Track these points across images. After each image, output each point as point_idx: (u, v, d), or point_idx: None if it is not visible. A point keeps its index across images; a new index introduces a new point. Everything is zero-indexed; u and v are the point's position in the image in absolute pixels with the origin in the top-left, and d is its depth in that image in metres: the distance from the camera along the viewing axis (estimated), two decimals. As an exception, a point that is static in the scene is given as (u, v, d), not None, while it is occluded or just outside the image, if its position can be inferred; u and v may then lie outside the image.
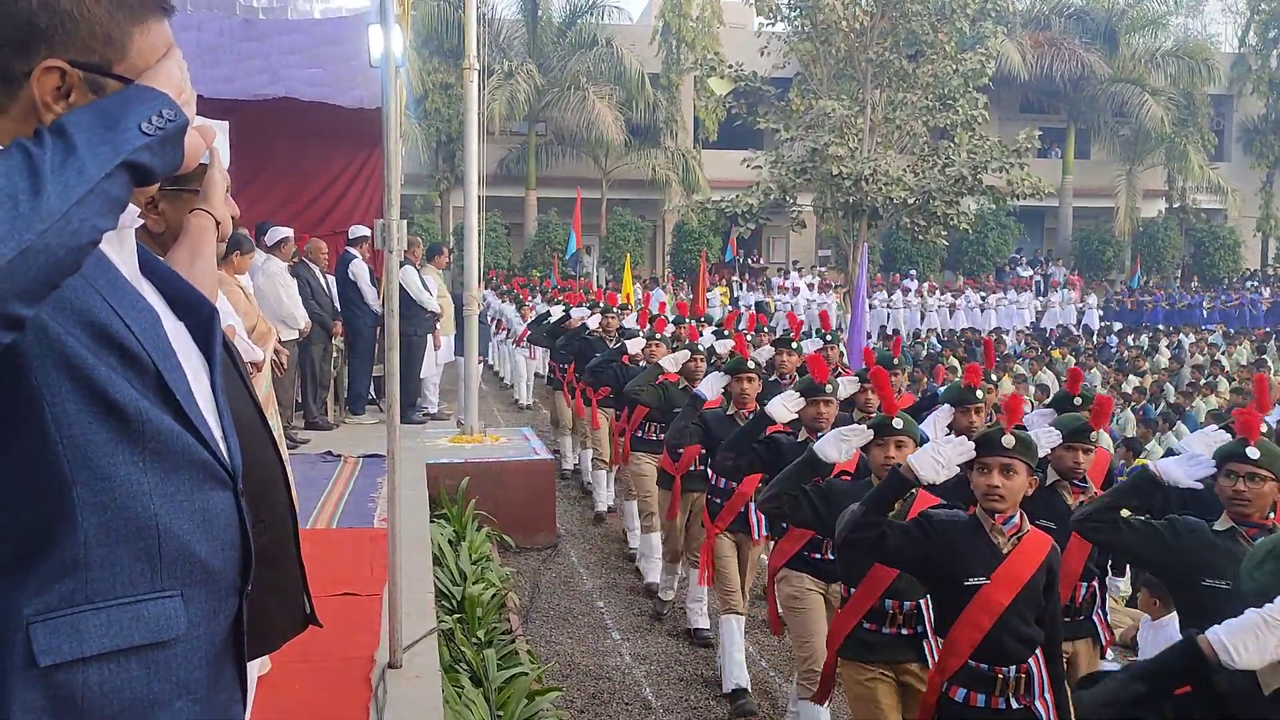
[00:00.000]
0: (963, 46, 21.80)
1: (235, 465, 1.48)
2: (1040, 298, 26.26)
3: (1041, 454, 4.25)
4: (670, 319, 9.91)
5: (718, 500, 5.69)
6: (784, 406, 4.61)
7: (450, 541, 6.57)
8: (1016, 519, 3.36)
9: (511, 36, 27.93)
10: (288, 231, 8.56)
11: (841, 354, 8.33)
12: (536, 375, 16.50)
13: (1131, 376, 15.28)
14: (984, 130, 21.86)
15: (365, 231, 9.34)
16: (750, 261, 29.22)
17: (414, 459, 7.54)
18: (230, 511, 1.46)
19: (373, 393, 10.22)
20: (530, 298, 18.41)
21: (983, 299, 25.54)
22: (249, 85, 9.02)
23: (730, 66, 23.02)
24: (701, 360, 6.83)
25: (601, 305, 10.18)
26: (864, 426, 4.00)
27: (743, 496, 5.53)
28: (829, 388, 4.76)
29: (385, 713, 3.73)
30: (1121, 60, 29.47)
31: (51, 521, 1.30)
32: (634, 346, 7.85)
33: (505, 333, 17.78)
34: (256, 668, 3.44)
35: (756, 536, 5.66)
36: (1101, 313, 26.13)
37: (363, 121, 9.34)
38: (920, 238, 21.88)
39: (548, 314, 12.08)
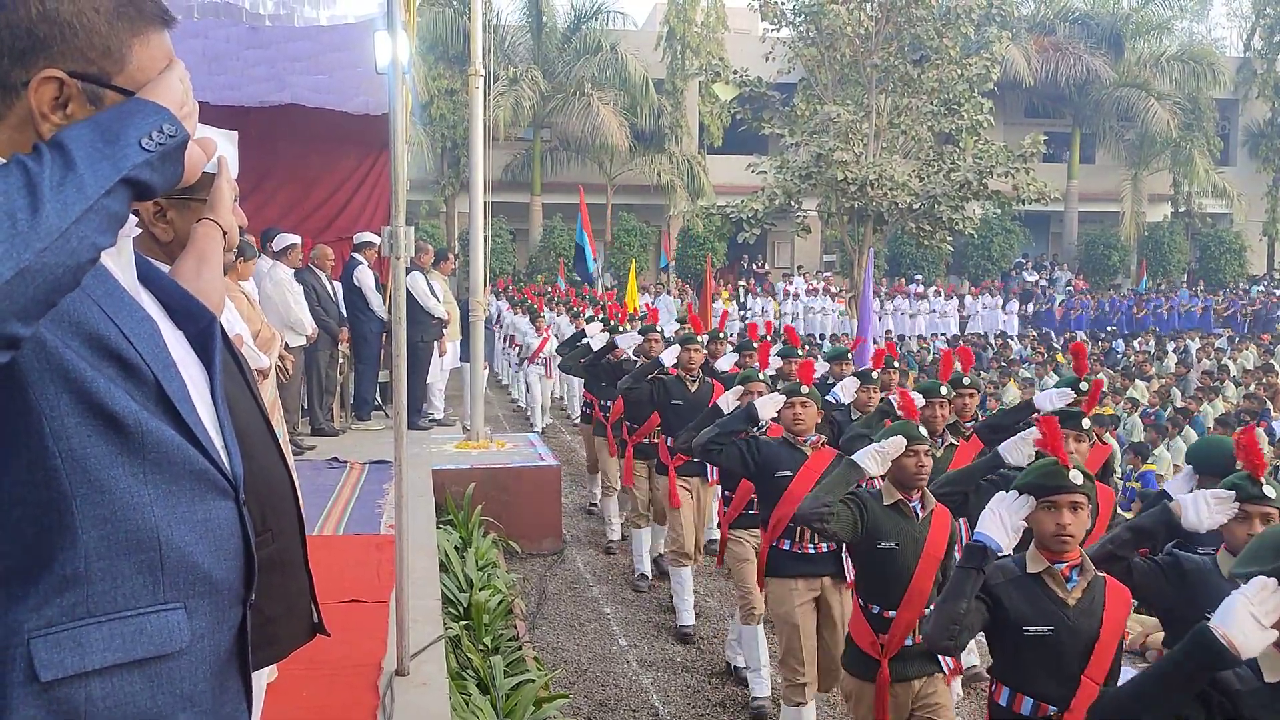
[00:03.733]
0: (968, 51, 21.81)
1: (236, 474, 1.47)
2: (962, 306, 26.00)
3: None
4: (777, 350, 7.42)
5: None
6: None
7: (456, 548, 6.56)
8: None
9: (516, 43, 27.99)
10: (295, 238, 8.57)
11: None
12: (554, 398, 15.20)
13: (1138, 381, 15.25)
14: (989, 135, 21.85)
15: (370, 238, 9.35)
16: (755, 267, 29.23)
17: (420, 465, 7.55)
18: (232, 521, 1.45)
19: (378, 398, 10.23)
20: (545, 308, 16.48)
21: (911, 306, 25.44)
22: (255, 92, 9.06)
23: (735, 72, 23.05)
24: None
25: (683, 332, 7.26)
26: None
27: None
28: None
29: (392, 720, 3.73)
30: (1126, 65, 29.45)
31: (52, 535, 1.29)
32: (767, 410, 4.92)
33: (518, 349, 15.65)
34: (265, 676, 3.44)
35: None
36: (1022, 319, 26.09)
37: (368, 127, 9.38)
38: (925, 243, 21.86)
39: (580, 335, 9.34)
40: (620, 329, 9.05)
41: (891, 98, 21.55)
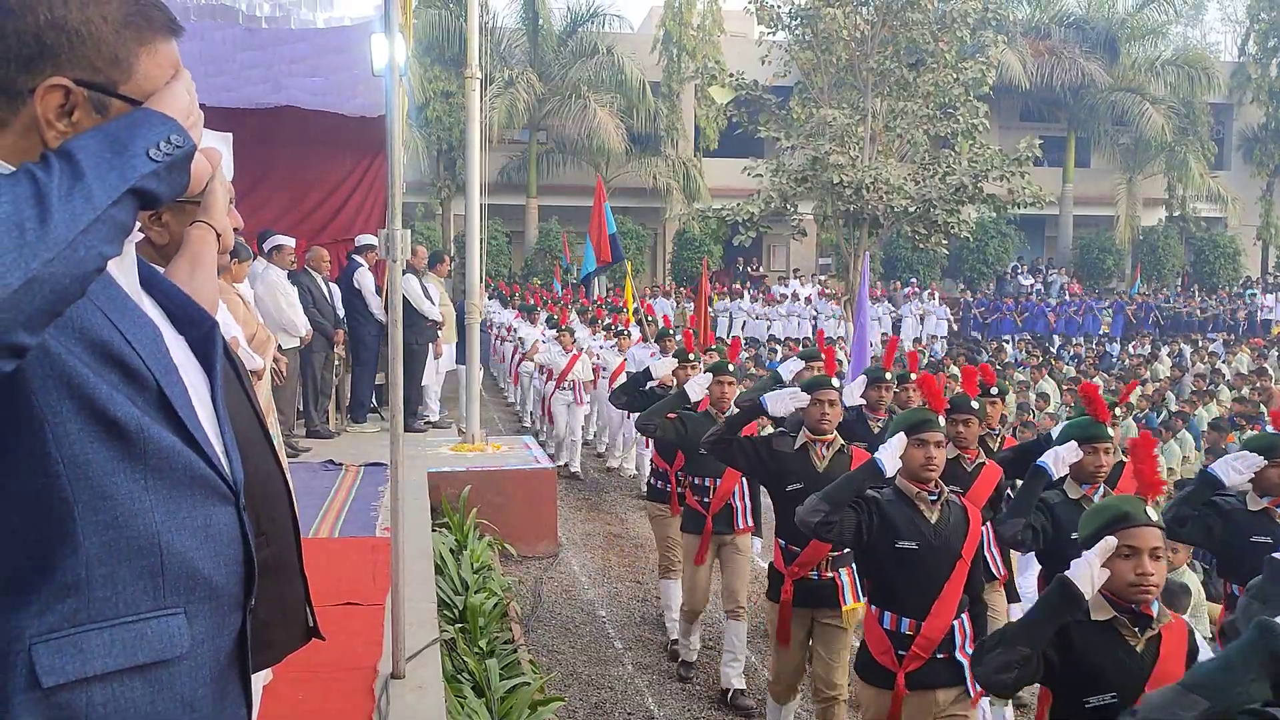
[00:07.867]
0: (963, 55, 21.81)
1: (237, 480, 1.47)
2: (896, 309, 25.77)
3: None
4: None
5: None
6: None
7: (452, 550, 6.55)
8: None
9: (513, 45, 27.99)
10: (283, 239, 8.56)
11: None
12: (586, 444, 12.21)
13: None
14: (985, 139, 21.85)
15: (370, 240, 9.35)
16: (750, 270, 29.24)
17: (416, 467, 7.54)
18: (233, 526, 1.45)
19: (374, 401, 10.22)
20: (569, 319, 13.08)
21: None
22: (251, 94, 9.05)
23: (731, 75, 23.04)
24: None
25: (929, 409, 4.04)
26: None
27: None
28: None
29: (387, 724, 3.72)
30: (1121, 69, 29.52)
31: (53, 542, 1.29)
32: (1084, 586, 2.69)
33: (533, 363, 12.90)
34: (260, 679, 3.43)
35: None
36: (956, 322, 26.05)
37: (364, 130, 9.37)
38: (921, 246, 21.85)
39: (647, 374, 6.39)
40: (730, 365, 5.83)
41: (887, 101, 21.55)
